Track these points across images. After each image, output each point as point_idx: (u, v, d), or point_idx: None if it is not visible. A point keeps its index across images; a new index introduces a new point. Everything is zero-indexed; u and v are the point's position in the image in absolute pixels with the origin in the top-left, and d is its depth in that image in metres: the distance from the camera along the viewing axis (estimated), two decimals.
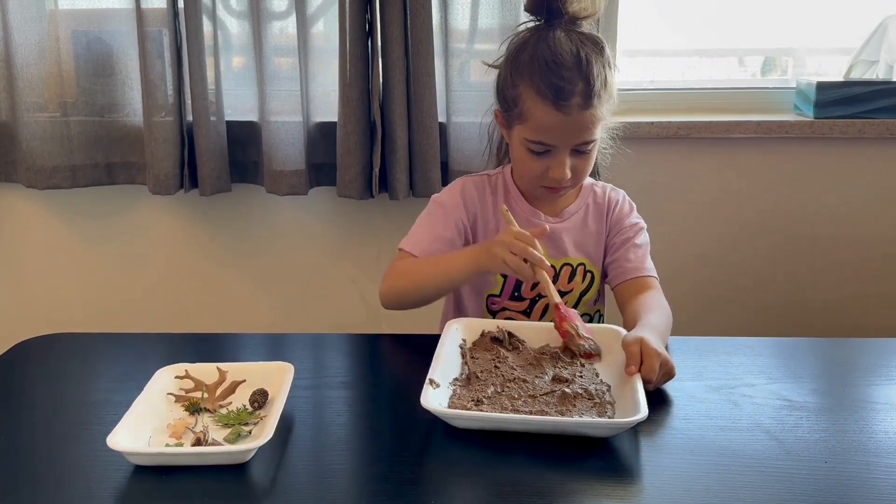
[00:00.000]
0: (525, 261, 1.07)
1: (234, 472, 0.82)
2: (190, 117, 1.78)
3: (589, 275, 1.30)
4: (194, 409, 0.93)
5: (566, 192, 1.26)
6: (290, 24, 1.75)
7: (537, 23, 1.20)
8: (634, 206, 1.35)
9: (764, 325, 1.96)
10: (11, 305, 1.99)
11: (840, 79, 1.87)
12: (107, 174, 1.86)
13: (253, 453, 0.83)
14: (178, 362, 1.00)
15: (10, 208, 1.94)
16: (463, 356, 1.05)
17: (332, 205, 1.90)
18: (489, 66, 1.28)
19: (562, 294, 1.28)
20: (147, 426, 0.88)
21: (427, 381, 0.94)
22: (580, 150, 1.18)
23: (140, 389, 0.93)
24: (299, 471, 0.84)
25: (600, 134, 1.21)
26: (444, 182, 1.78)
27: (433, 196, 1.32)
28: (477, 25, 1.74)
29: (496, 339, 1.09)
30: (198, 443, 0.85)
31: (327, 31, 1.81)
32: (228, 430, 0.88)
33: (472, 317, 1.30)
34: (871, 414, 0.95)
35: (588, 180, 1.32)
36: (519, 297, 1.29)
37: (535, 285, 1.27)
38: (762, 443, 0.88)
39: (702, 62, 2.15)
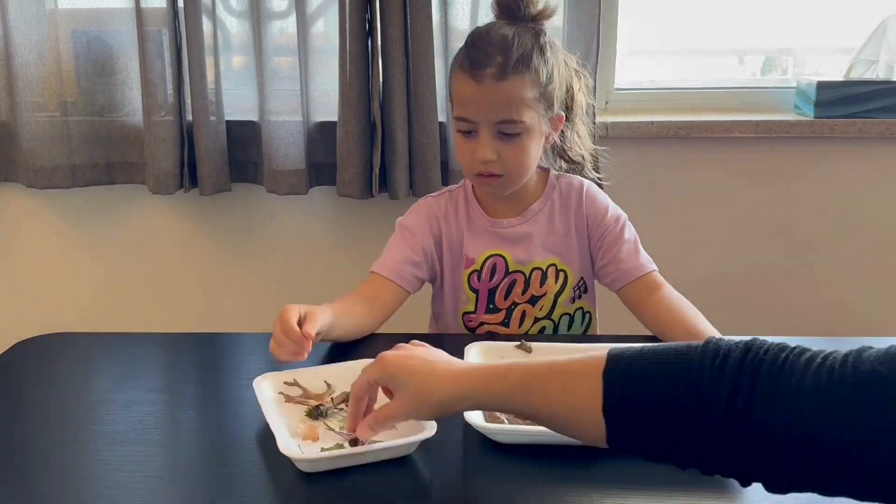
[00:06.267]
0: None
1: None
2: (190, 117, 1.78)
3: (561, 274, 1.26)
4: (316, 413, 0.91)
5: (500, 183, 1.20)
6: (290, 24, 1.75)
7: None
8: (606, 196, 1.30)
9: (764, 325, 1.96)
10: (11, 305, 1.99)
11: (840, 79, 1.87)
12: (107, 174, 1.86)
13: (416, 445, 0.83)
14: (178, 362, 1.00)
15: (10, 208, 1.94)
16: None
17: (332, 204, 1.90)
18: None
19: (535, 298, 1.26)
20: (286, 433, 0.86)
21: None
22: (505, 133, 1.15)
23: (140, 389, 0.94)
24: None
25: (535, 123, 1.17)
26: (444, 182, 1.78)
27: (399, 220, 1.31)
28: (477, 26, 1.74)
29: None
30: (354, 443, 0.84)
31: (327, 30, 1.81)
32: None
33: (450, 328, 1.30)
34: None
35: (551, 174, 1.29)
36: (494, 308, 1.27)
37: (507, 293, 1.26)
38: None
39: (702, 62, 2.15)
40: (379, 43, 1.72)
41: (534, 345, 1.06)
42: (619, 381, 0.66)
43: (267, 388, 0.95)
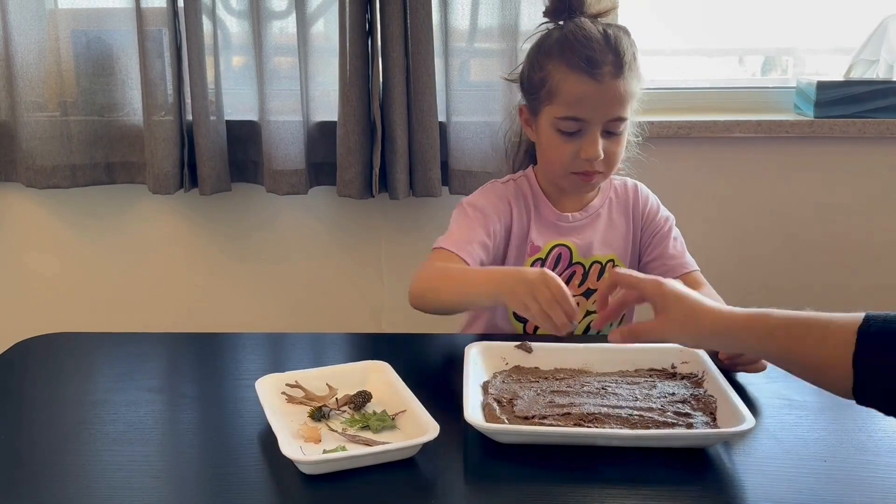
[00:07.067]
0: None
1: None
2: (190, 117, 1.78)
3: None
4: (318, 415, 0.91)
5: (598, 180, 1.23)
6: (290, 24, 1.75)
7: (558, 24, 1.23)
8: (655, 196, 1.35)
9: None
10: (11, 305, 1.99)
11: (840, 78, 1.87)
12: (107, 174, 1.86)
13: (419, 448, 0.83)
14: (178, 362, 1.00)
15: (10, 208, 1.94)
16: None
17: (332, 204, 1.90)
18: (508, 79, 1.33)
19: (591, 292, 1.28)
20: (288, 435, 0.86)
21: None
22: (611, 132, 1.18)
23: (140, 389, 0.93)
24: None
25: (630, 118, 1.20)
26: (445, 182, 1.78)
27: (465, 200, 1.29)
28: (477, 25, 1.74)
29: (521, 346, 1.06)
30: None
31: (327, 30, 1.81)
32: (366, 432, 0.88)
33: (499, 324, 1.29)
34: (870, 413, 0.94)
35: None
36: None
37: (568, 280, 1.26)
38: (762, 442, 0.88)
39: (702, 62, 2.15)
40: (379, 43, 1.72)
41: (534, 345, 1.06)
42: (873, 338, 0.72)
43: (269, 390, 0.95)
